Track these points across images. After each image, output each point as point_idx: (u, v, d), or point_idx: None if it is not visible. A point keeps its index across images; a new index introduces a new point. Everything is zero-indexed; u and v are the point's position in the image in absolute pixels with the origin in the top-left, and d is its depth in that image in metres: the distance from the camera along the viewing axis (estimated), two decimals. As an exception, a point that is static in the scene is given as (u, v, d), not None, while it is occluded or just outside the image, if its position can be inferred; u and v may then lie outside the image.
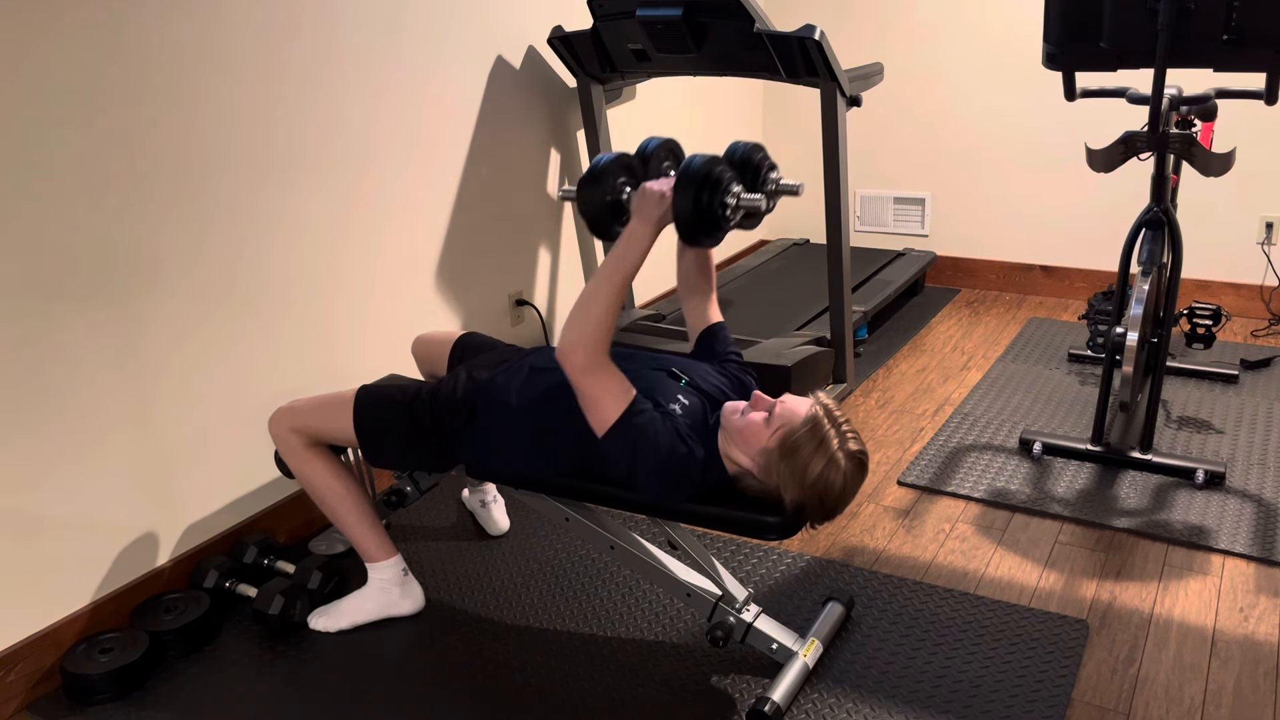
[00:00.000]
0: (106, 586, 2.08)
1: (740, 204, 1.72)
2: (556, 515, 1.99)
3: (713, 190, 1.69)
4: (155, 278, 2.07)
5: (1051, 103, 3.87)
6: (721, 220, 1.72)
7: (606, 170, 1.81)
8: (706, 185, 1.68)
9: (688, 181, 1.67)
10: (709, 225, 1.71)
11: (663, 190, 1.72)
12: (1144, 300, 2.46)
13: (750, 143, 1.88)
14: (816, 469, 1.65)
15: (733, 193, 1.72)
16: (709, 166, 1.69)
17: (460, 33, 2.78)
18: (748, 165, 1.86)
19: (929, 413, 3.07)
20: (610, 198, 1.80)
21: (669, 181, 1.74)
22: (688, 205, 1.67)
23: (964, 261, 4.25)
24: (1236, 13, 2.09)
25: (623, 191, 1.82)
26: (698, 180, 1.67)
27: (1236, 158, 2.95)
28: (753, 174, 1.87)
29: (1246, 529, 2.35)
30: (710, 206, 1.69)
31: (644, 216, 1.74)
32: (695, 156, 1.70)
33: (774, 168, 1.89)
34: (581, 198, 1.82)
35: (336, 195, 2.45)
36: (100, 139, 1.93)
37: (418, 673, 1.98)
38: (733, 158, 1.85)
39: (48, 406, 1.92)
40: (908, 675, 1.92)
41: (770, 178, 1.88)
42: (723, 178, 1.71)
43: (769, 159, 1.90)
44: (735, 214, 1.73)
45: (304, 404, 2.05)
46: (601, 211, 1.81)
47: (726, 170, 1.72)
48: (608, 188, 1.80)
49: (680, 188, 1.68)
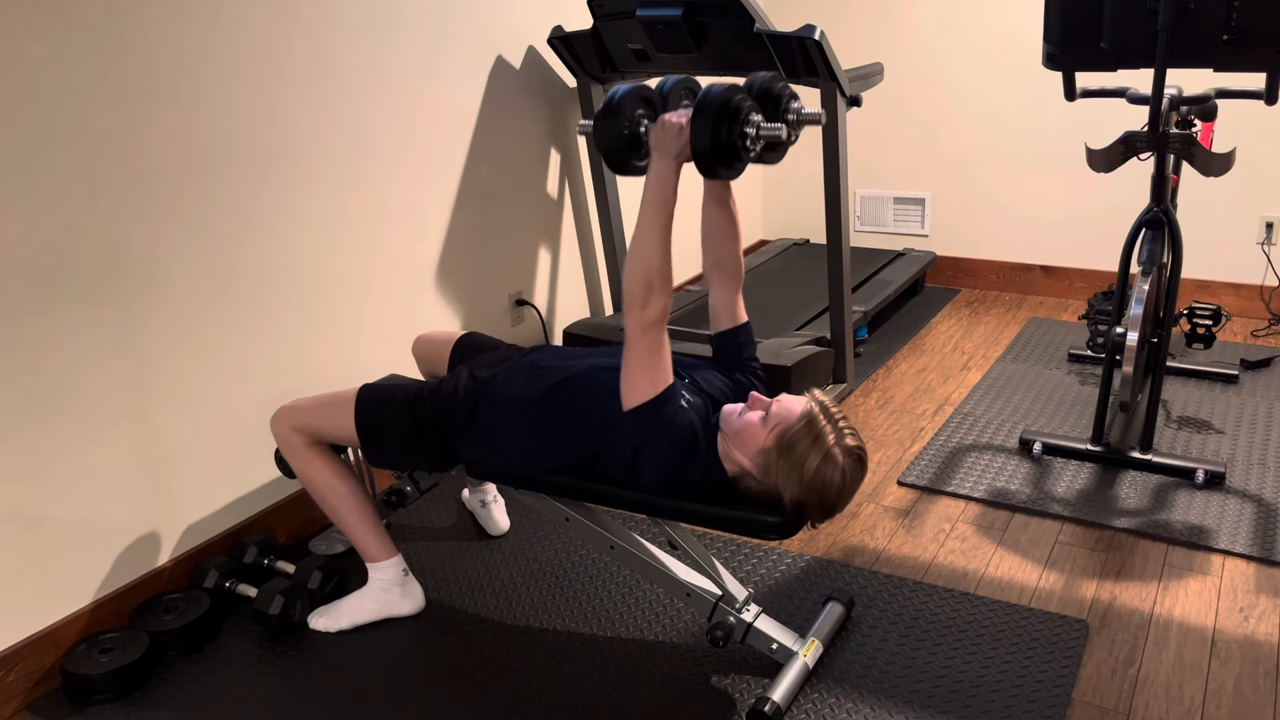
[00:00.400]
0: (106, 586, 2.08)
1: (761, 133, 1.68)
2: (556, 515, 1.99)
3: (731, 120, 1.64)
4: (155, 277, 2.07)
5: (1051, 103, 3.87)
6: (741, 151, 1.68)
7: (624, 102, 1.75)
8: (725, 115, 1.64)
9: (706, 111, 1.63)
10: (728, 156, 1.67)
11: (681, 122, 1.68)
12: (1144, 300, 2.46)
13: (769, 73, 1.82)
14: (813, 465, 1.65)
15: (752, 122, 1.68)
16: (727, 95, 1.64)
17: (460, 33, 2.78)
18: (768, 96, 1.79)
19: (929, 413, 3.07)
20: (628, 130, 1.75)
21: (686, 114, 1.69)
22: (706, 136, 1.63)
23: (964, 261, 4.25)
24: (1236, 13, 2.09)
25: (640, 124, 1.76)
26: (716, 110, 1.63)
27: (1236, 158, 2.95)
28: (773, 104, 1.79)
29: (1246, 529, 2.35)
30: (730, 137, 1.65)
31: (663, 150, 1.69)
32: (713, 86, 1.66)
33: (795, 97, 1.83)
34: (599, 131, 1.76)
35: (336, 195, 2.45)
36: (100, 139, 1.93)
37: (418, 673, 1.98)
38: (751, 88, 1.79)
39: (47, 406, 1.92)
40: (908, 675, 1.92)
41: (791, 107, 1.81)
42: (741, 107, 1.66)
43: (790, 89, 1.84)
44: (755, 144, 1.69)
45: (305, 403, 2.05)
46: (619, 145, 1.75)
47: (746, 99, 1.68)
48: (625, 120, 1.74)
49: (698, 118, 1.64)
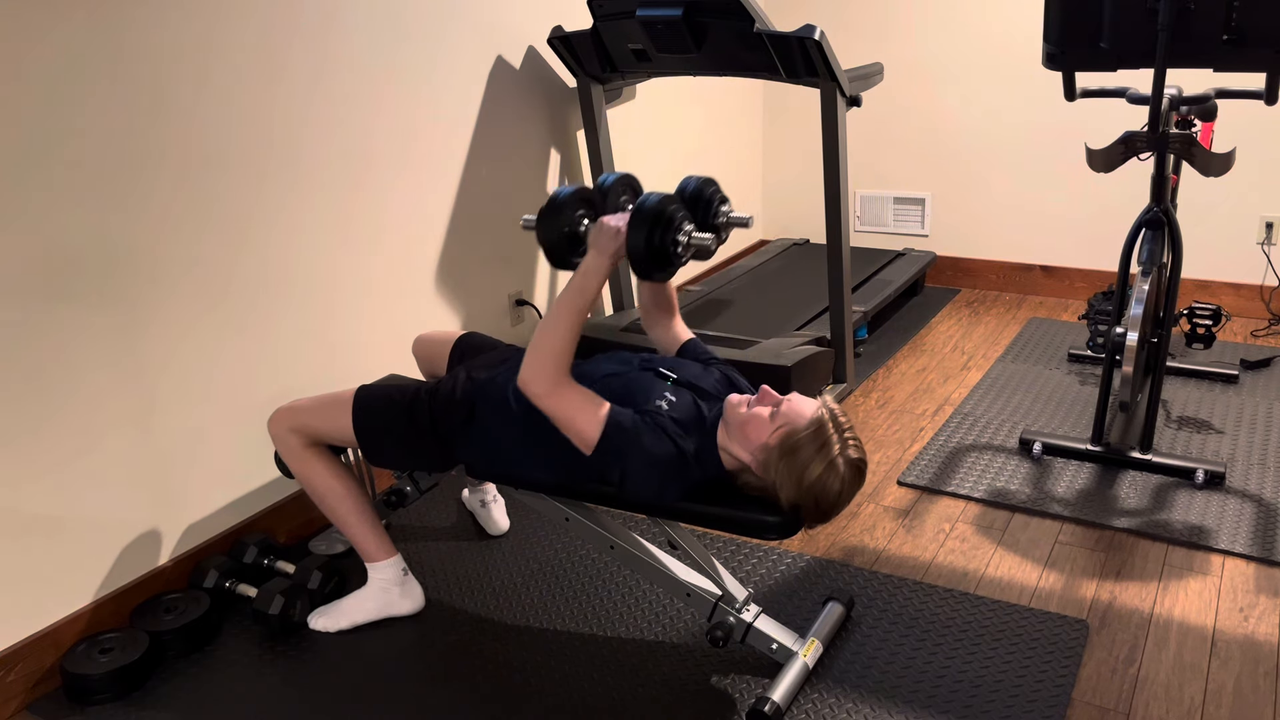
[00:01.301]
0: (107, 586, 2.08)
1: (691, 242, 1.81)
2: (556, 515, 1.99)
3: (665, 228, 1.77)
4: (155, 277, 2.07)
5: (1051, 103, 3.87)
6: (672, 257, 1.80)
7: (566, 203, 1.89)
8: (659, 223, 1.76)
9: (641, 220, 1.75)
10: (660, 261, 1.79)
11: (618, 225, 1.79)
12: (1144, 300, 2.46)
13: (702, 177, 1.97)
14: (815, 473, 1.65)
15: (684, 231, 1.80)
16: (662, 205, 1.77)
17: (460, 33, 2.78)
18: (699, 199, 1.95)
19: (929, 413, 3.07)
20: (568, 229, 1.88)
21: (624, 217, 1.81)
22: (640, 242, 1.75)
23: (964, 261, 4.25)
24: (1236, 13, 2.09)
25: (580, 224, 1.89)
26: (650, 218, 1.75)
27: (1236, 158, 2.95)
28: (704, 208, 1.95)
29: (1246, 529, 2.35)
30: (662, 244, 1.77)
31: (600, 249, 1.80)
32: (650, 195, 1.78)
33: (725, 201, 1.99)
34: (541, 228, 1.90)
35: (336, 194, 2.45)
36: (100, 139, 1.93)
37: (418, 673, 1.98)
38: (684, 193, 1.94)
39: (47, 406, 1.92)
40: (908, 675, 1.92)
41: (721, 210, 1.97)
42: (675, 216, 1.79)
43: (720, 192, 1.99)
44: (686, 251, 1.81)
45: (303, 404, 2.05)
46: (560, 242, 1.89)
47: (679, 209, 1.80)
48: (566, 220, 1.88)
49: (634, 225, 1.76)
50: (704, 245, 1.80)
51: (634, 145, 3.63)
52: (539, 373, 1.76)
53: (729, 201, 1.99)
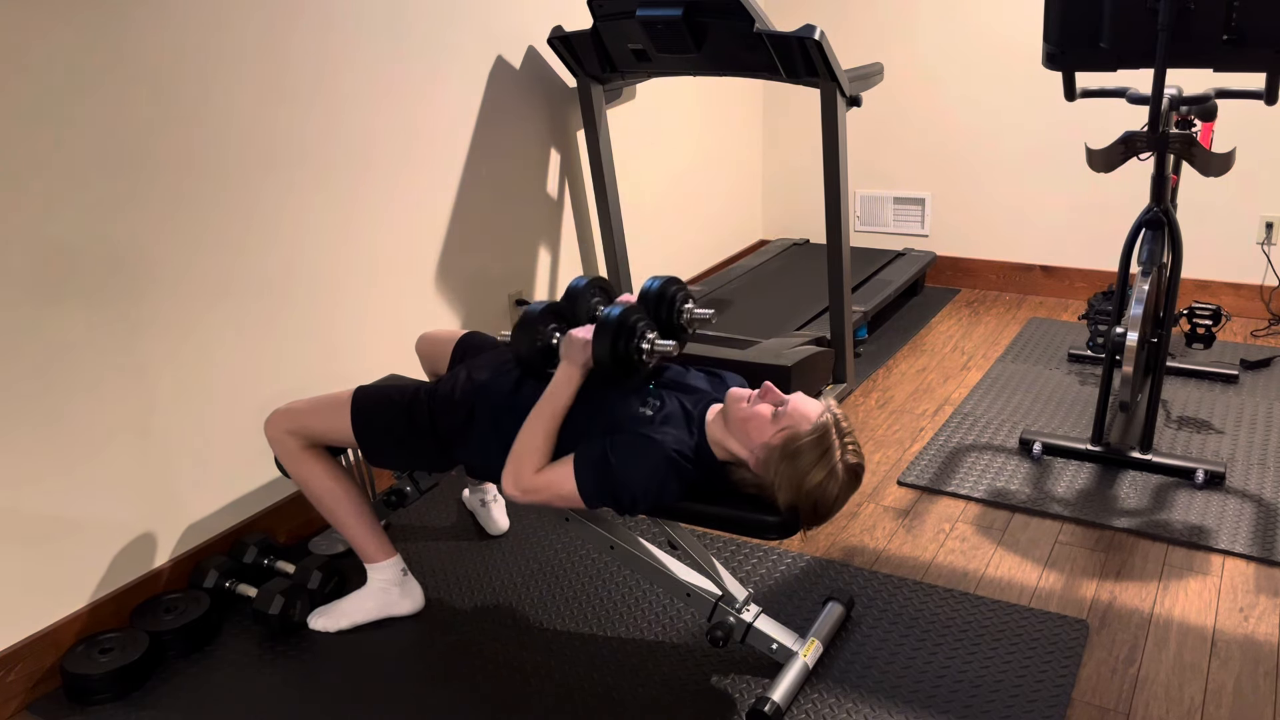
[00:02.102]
0: (106, 586, 2.08)
1: (655, 349, 1.88)
2: (556, 515, 1.99)
3: (628, 337, 1.84)
4: (155, 277, 2.07)
5: (1051, 103, 3.87)
6: (637, 363, 1.87)
7: (537, 319, 1.97)
8: (622, 333, 1.83)
9: (604, 331, 1.82)
10: (625, 369, 1.85)
11: (585, 338, 1.85)
12: (1144, 300, 2.46)
13: (665, 277, 2.05)
14: (816, 479, 1.65)
15: (647, 339, 1.87)
16: (624, 316, 1.84)
17: (460, 33, 2.78)
18: (662, 299, 2.02)
19: (929, 413, 3.07)
20: (541, 343, 1.96)
21: (591, 328, 1.88)
22: (605, 351, 1.82)
23: (964, 261, 4.25)
24: (1236, 13, 2.09)
25: (553, 337, 1.97)
26: (613, 329, 1.82)
27: (1236, 158, 2.95)
28: (668, 306, 2.02)
29: (1246, 529, 2.35)
30: (626, 352, 1.84)
31: (570, 360, 1.85)
32: (612, 308, 1.86)
33: (688, 298, 2.06)
34: (514, 343, 1.97)
35: (337, 195, 2.45)
36: (100, 139, 1.93)
37: (418, 673, 1.98)
38: (648, 295, 2.02)
39: (47, 406, 1.92)
40: (908, 675, 1.92)
41: (684, 309, 2.05)
42: (636, 326, 1.86)
43: (684, 289, 2.07)
44: (651, 357, 1.88)
45: (301, 405, 2.05)
46: (534, 355, 1.96)
47: (641, 318, 1.88)
48: (538, 335, 1.96)
49: (597, 336, 1.83)
50: (666, 352, 1.88)
51: (634, 145, 3.63)
52: (516, 477, 1.80)
53: (692, 298, 2.07)
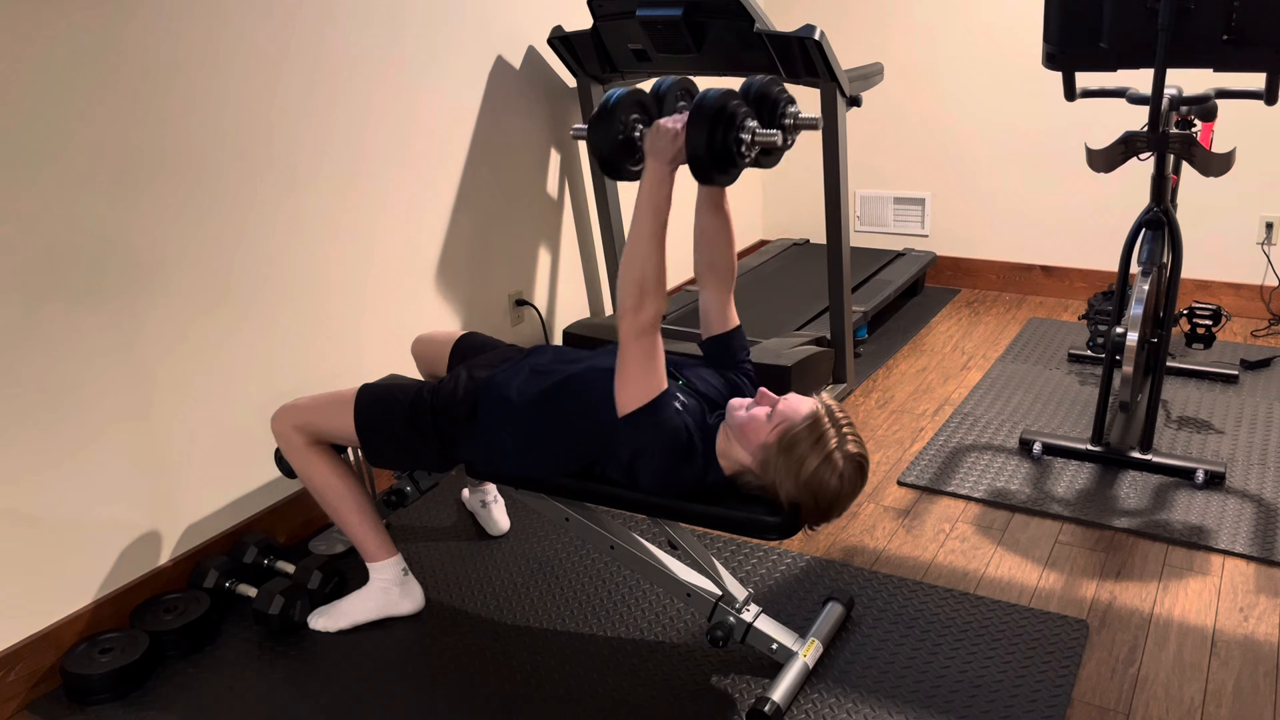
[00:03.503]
0: (106, 586, 2.08)
1: (756, 139, 1.68)
2: (556, 515, 1.99)
3: (727, 126, 1.64)
4: (154, 277, 2.07)
5: (1051, 103, 3.87)
6: (737, 156, 1.67)
7: (618, 106, 1.75)
8: (721, 121, 1.63)
9: (701, 117, 1.62)
10: (723, 162, 1.66)
11: (676, 127, 1.67)
12: (1144, 300, 2.46)
13: (766, 76, 1.81)
14: (811, 466, 1.65)
15: (748, 128, 1.67)
16: (723, 100, 1.64)
17: (460, 33, 2.78)
18: (764, 100, 1.79)
19: (929, 413, 3.07)
20: (623, 135, 1.74)
21: (683, 118, 1.69)
22: (702, 141, 1.62)
23: (964, 261, 4.25)
24: (1236, 13, 2.09)
25: (635, 128, 1.76)
26: (712, 115, 1.62)
27: (1236, 158, 2.95)
28: (770, 109, 1.79)
29: (1246, 529, 2.35)
30: (725, 142, 1.65)
31: (658, 155, 1.68)
32: (710, 91, 1.65)
33: (792, 101, 1.82)
34: (593, 135, 1.76)
35: (336, 194, 2.45)
36: (98, 138, 1.93)
37: (418, 673, 1.98)
38: (748, 93, 1.79)
39: (47, 406, 1.92)
40: (908, 675, 1.92)
41: (789, 111, 1.81)
42: (737, 113, 1.66)
43: (786, 92, 1.82)
44: (751, 150, 1.68)
45: (306, 402, 2.05)
46: (614, 149, 1.75)
47: (742, 105, 1.67)
48: (619, 126, 1.74)
49: (694, 123, 1.63)
50: (770, 142, 1.66)
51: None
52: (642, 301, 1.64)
53: (796, 102, 1.83)
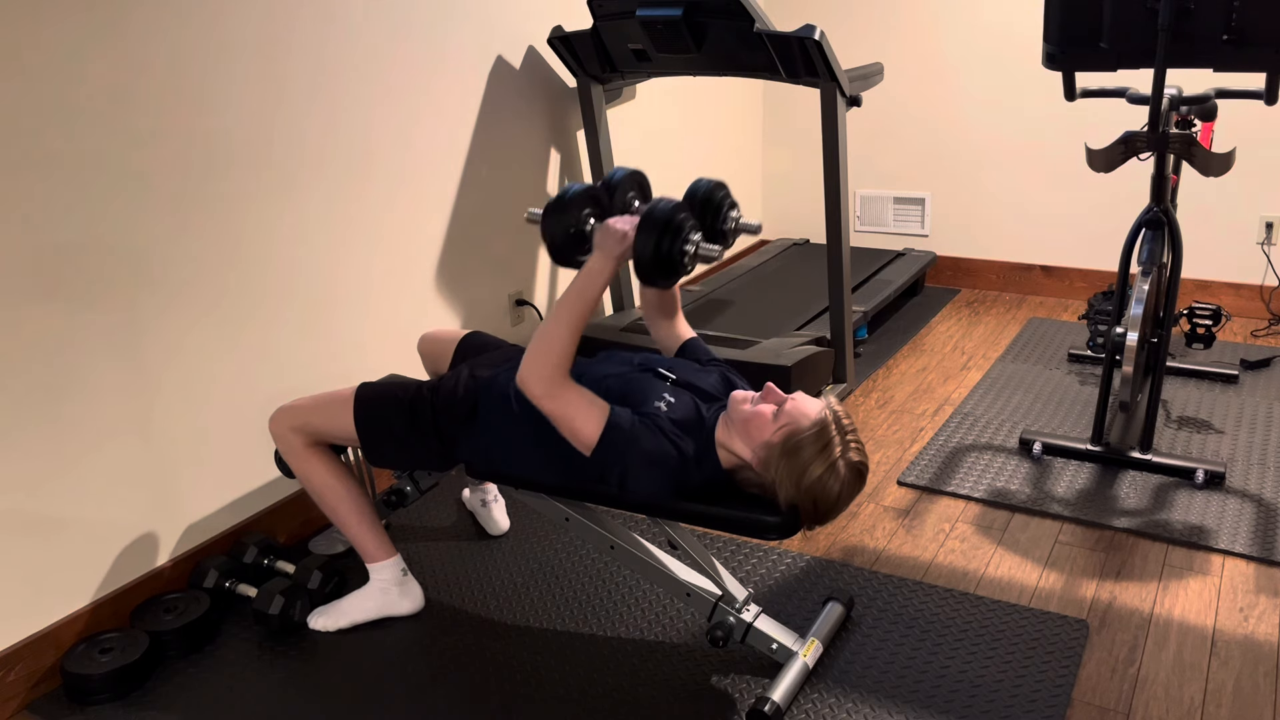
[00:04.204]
0: (106, 586, 2.08)
1: (699, 252, 1.81)
2: (556, 515, 1.99)
3: (673, 237, 1.76)
4: (155, 277, 2.07)
5: (1051, 103, 3.87)
6: (678, 265, 1.80)
7: (573, 201, 1.87)
8: (668, 231, 1.75)
9: (650, 226, 1.74)
10: (666, 269, 1.78)
11: (625, 229, 1.78)
12: (1144, 300, 2.46)
13: (712, 181, 1.95)
14: (815, 473, 1.65)
15: (691, 240, 1.79)
16: (671, 214, 1.76)
17: (460, 33, 2.78)
18: (709, 204, 1.94)
19: (929, 413, 3.07)
20: (574, 229, 1.86)
21: (632, 221, 1.80)
22: (648, 249, 1.74)
23: (964, 261, 4.25)
24: (1236, 13, 2.09)
25: (587, 223, 1.88)
26: (659, 226, 1.74)
27: (1236, 158, 2.95)
28: (714, 212, 1.95)
29: (1246, 529, 2.35)
30: (669, 252, 1.76)
31: (605, 251, 1.79)
32: (660, 201, 1.77)
33: (734, 206, 1.99)
34: (546, 225, 1.88)
35: (336, 194, 2.45)
36: (100, 140, 1.93)
37: (418, 673, 1.98)
38: (694, 196, 1.93)
39: (48, 406, 1.92)
40: (908, 675, 1.92)
41: (730, 216, 1.97)
42: (684, 225, 1.78)
43: (730, 197, 1.98)
44: (693, 261, 1.81)
45: (304, 403, 2.05)
46: (565, 241, 1.87)
47: (689, 218, 1.79)
48: (572, 219, 1.86)
49: (642, 230, 1.75)
50: (710, 255, 1.80)
51: (634, 145, 3.63)
52: (538, 374, 1.75)
53: (738, 207, 1.98)
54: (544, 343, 1.75)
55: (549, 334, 1.76)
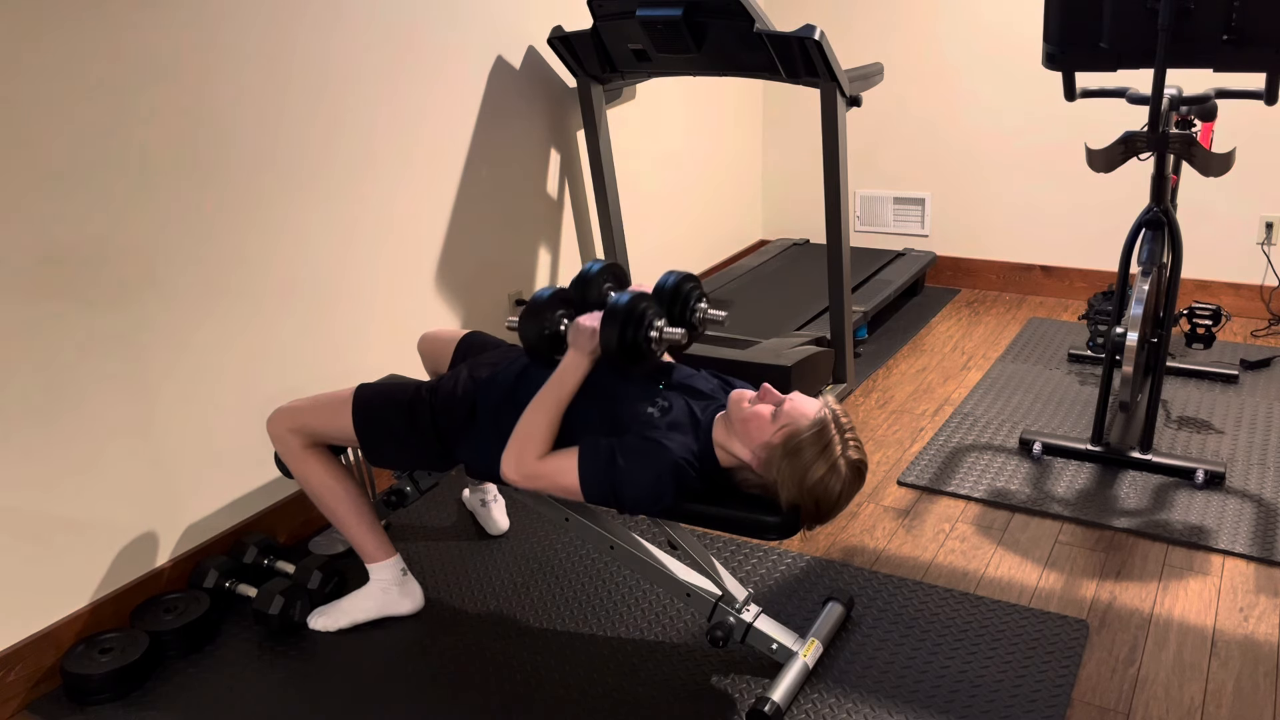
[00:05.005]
0: (106, 586, 2.08)
1: (664, 338, 1.87)
2: (556, 515, 1.99)
3: (636, 325, 1.83)
4: (155, 278, 2.07)
5: (1051, 103, 3.88)
6: (645, 352, 1.86)
7: (545, 305, 1.95)
8: (630, 321, 1.82)
9: (612, 318, 1.81)
10: (633, 355, 1.84)
11: (593, 326, 1.84)
12: (1144, 300, 2.46)
13: (681, 273, 2.02)
14: (817, 474, 1.65)
15: (655, 327, 1.86)
16: (632, 305, 1.83)
17: (460, 33, 2.78)
18: (676, 295, 2.00)
19: (929, 413, 3.07)
20: (549, 330, 1.95)
21: (599, 316, 1.87)
22: (613, 339, 1.81)
23: (964, 261, 4.25)
24: (1236, 13, 2.09)
25: (560, 324, 1.96)
26: (621, 317, 1.81)
27: (1236, 158, 2.95)
28: (681, 304, 2.01)
29: (1246, 529, 2.35)
30: (634, 340, 1.83)
31: (578, 348, 1.86)
32: (621, 295, 1.84)
33: (702, 297, 2.05)
34: (522, 330, 1.96)
35: (336, 194, 2.45)
36: (100, 140, 1.93)
37: (418, 672, 1.98)
38: (663, 290, 2.00)
39: (47, 406, 1.92)
40: (908, 675, 1.92)
41: (698, 308, 2.03)
42: (645, 314, 1.85)
43: (699, 288, 2.04)
44: (660, 346, 1.87)
45: (302, 404, 2.05)
46: (540, 343, 1.95)
47: (650, 306, 1.86)
48: (546, 322, 1.94)
49: (606, 323, 1.82)
50: (675, 340, 1.87)
51: (634, 145, 3.63)
52: (518, 461, 1.80)
53: (706, 298, 2.06)
54: (524, 438, 1.81)
55: (529, 429, 1.81)
